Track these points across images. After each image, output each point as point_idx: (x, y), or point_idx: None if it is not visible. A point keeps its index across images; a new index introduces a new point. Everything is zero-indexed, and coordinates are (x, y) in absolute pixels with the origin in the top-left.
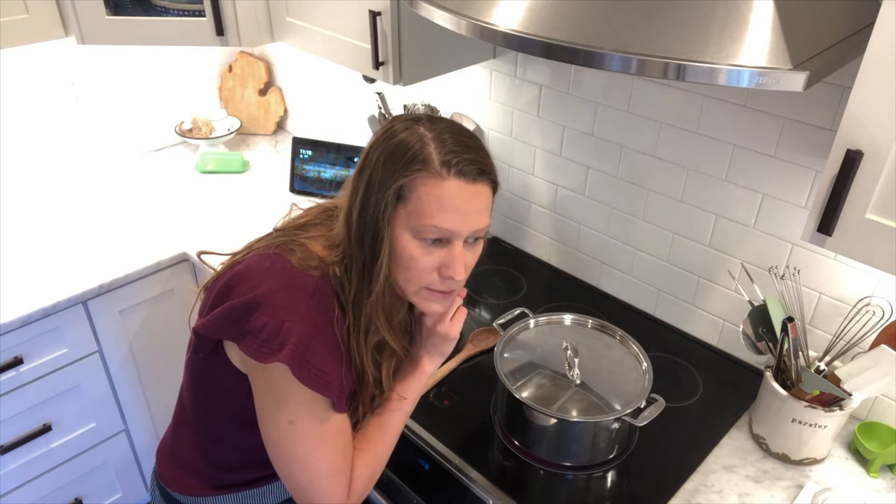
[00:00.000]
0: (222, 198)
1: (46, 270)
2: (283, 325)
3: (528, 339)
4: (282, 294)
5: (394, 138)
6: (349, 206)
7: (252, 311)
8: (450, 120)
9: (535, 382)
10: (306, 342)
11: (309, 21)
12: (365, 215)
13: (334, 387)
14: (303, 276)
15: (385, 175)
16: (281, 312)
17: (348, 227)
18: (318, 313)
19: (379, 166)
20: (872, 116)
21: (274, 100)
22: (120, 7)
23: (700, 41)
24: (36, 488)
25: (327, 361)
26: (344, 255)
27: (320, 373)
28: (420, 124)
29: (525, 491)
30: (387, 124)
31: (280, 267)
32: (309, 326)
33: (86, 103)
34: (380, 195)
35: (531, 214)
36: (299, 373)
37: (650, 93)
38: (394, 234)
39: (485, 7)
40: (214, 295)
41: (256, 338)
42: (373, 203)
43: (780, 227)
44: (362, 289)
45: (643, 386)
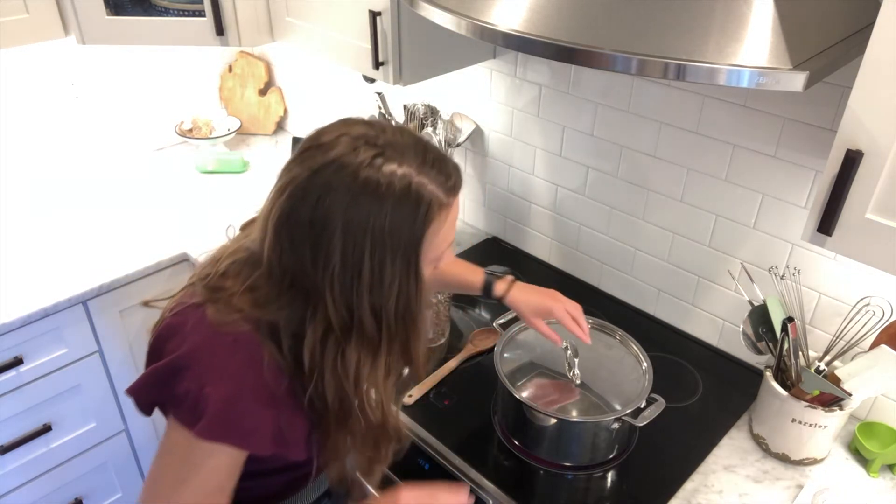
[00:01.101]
0: (222, 198)
1: (46, 270)
2: (203, 391)
3: (528, 339)
4: (204, 354)
5: (383, 201)
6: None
7: (176, 374)
8: (393, 131)
9: (535, 382)
10: (226, 404)
11: (309, 21)
12: (381, 295)
13: (266, 442)
14: (224, 334)
15: (397, 243)
16: (202, 376)
17: (335, 305)
18: (242, 366)
19: (382, 237)
20: (872, 116)
21: (274, 100)
22: (120, 7)
23: (700, 41)
24: (36, 488)
25: (256, 416)
26: (296, 324)
27: (245, 431)
28: (385, 160)
29: (525, 491)
30: (351, 182)
31: (203, 322)
32: (231, 385)
33: (86, 103)
34: (398, 269)
35: (531, 214)
36: (222, 437)
37: (650, 93)
38: (421, 286)
39: (485, 7)
40: (148, 350)
41: (181, 406)
42: (389, 282)
43: (780, 227)
44: (376, 356)
45: (643, 386)
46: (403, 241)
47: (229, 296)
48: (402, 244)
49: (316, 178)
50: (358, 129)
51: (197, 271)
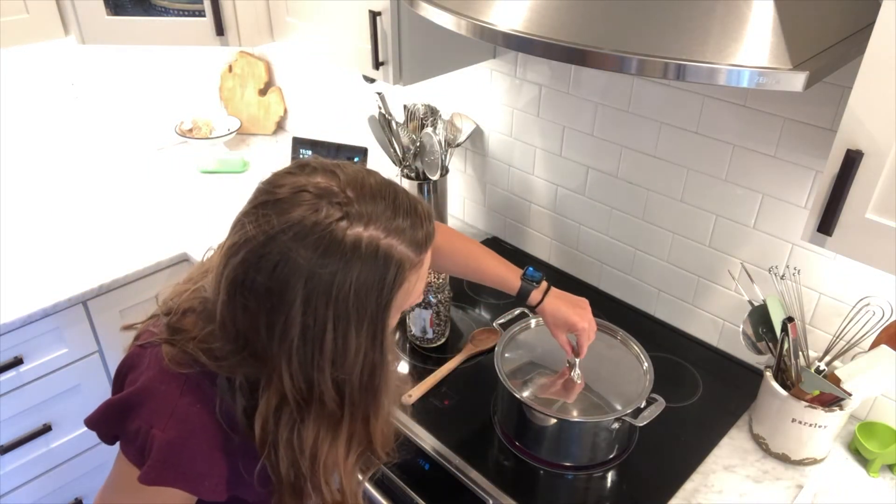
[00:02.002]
0: (222, 198)
1: (46, 270)
2: (151, 432)
3: (529, 339)
4: (155, 394)
5: (348, 269)
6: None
7: (128, 410)
8: (355, 175)
9: (536, 382)
10: (172, 447)
11: (309, 21)
12: (344, 368)
13: (220, 486)
14: (176, 374)
15: (362, 313)
16: (151, 416)
17: (294, 378)
18: (192, 408)
19: (347, 309)
20: (872, 116)
21: (274, 100)
22: (120, 7)
23: (700, 41)
24: (36, 488)
25: (206, 459)
26: (251, 387)
27: (194, 474)
28: (351, 223)
29: (525, 491)
30: (313, 246)
31: (158, 357)
32: (179, 427)
33: (86, 103)
34: (363, 340)
35: (531, 214)
36: (168, 480)
37: (650, 93)
38: (386, 348)
39: (485, 7)
40: (113, 377)
41: (133, 444)
42: (353, 354)
43: (780, 227)
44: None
45: (644, 386)
46: (370, 309)
47: (187, 340)
48: (369, 313)
49: (273, 244)
50: (317, 180)
51: (167, 295)
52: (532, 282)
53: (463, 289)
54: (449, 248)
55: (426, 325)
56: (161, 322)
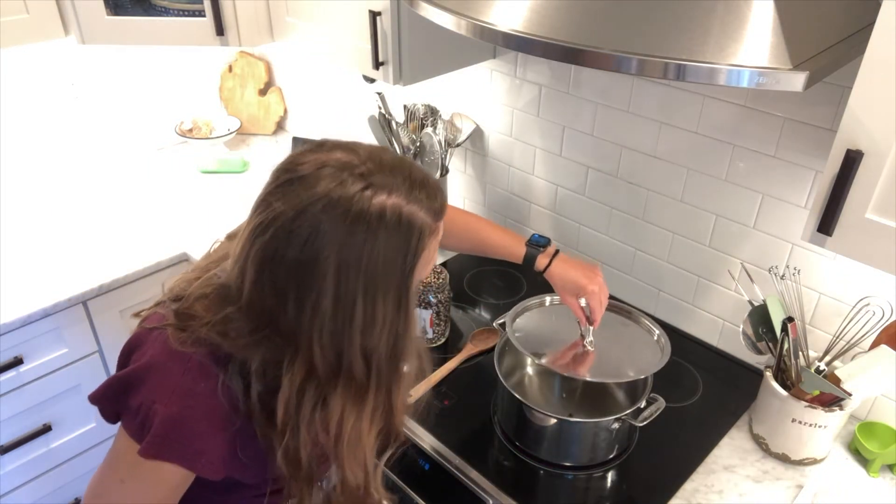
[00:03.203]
0: (222, 198)
1: (46, 270)
2: (153, 407)
3: (543, 314)
4: (158, 371)
5: (376, 237)
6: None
7: (131, 386)
8: (377, 153)
9: (548, 353)
10: (173, 422)
11: (309, 21)
12: (373, 336)
13: (216, 464)
14: (180, 352)
15: (389, 280)
16: (154, 392)
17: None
18: (194, 385)
19: (376, 276)
20: (872, 116)
21: (274, 100)
22: (120, 7)
23: (700, 41)
24: (36, 488)
25: (205, 437)
26: (262, 364)
27: (192, 451)
28: (375, 191)
29: (525, 491)
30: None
31: (161, 340)
32: (181, 403)
33: (86, 103)
34: (390, 307)
35: (531, 214)
36: (166, 455)
37: (650, 93)
38: (411, 315)
39: (485, 7)
40: (118, 358)
41: (134, 419)
42: (381, 322)
43: (780, 227)
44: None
45: (660, 351)
46: (396, 276)
47: (200, 325)
48: (395, 279)
49: (302, 217)
50: (337, 155)
51: (172, 284)
52: (538, 246)
53: (463, 289)
54: (451, 223)
55: (426, 325)
56: (168, 307)
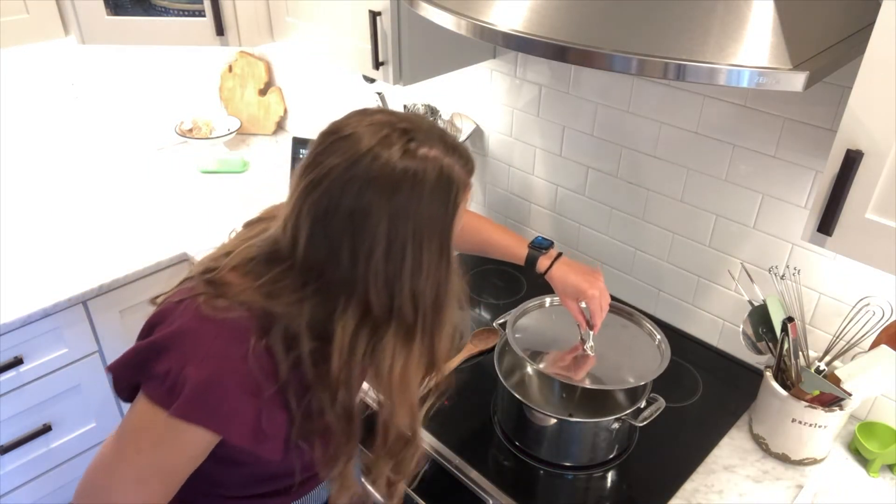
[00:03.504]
0: (222, 198)
1: (46, 270)
2: (184, 371)
3: (542, 317)
4: (188, 336)
5: (423, 187)
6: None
7: (159, 352)
8: (412, 117)
9: (547, 357)
10: (205, 385)
11: (309, 21)
12: (420, 280)
13: (244, 430)
14: (211, 319)
15: (433, 226)
16: (185, 356)
17: (378, 293)
18: (226, 350)
19: (422, 218)
20: (872, 116)
21: (274, 100)
22: (120, 7)
23: (700, 41)
24: (36, 488)
25: (236, 402)
26: (312, 316)
27: (223, 415)
28: (418, 145)
29: (525, 491)
30: (389, 174)
31: (193, 307)
32: (213, 367)
33: (86, 103)
34: (434, 252)
35: (531, 214)
36: (197, 418)
37: (650, 93)
38: (452, 265)
39: (485, 7)
40: (139, 334)
41: (161, 385)
42: (427, 266)
43: (780, 227)
44: (405, 343)
45: (660, 359)
46: (439, 224)
47: (239, 291)
48: (439, 227)
49: (355, 168)
50: (378, 117)
51: (196, 267)
52: (540, 248)
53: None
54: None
55: None
56: (198, 280)
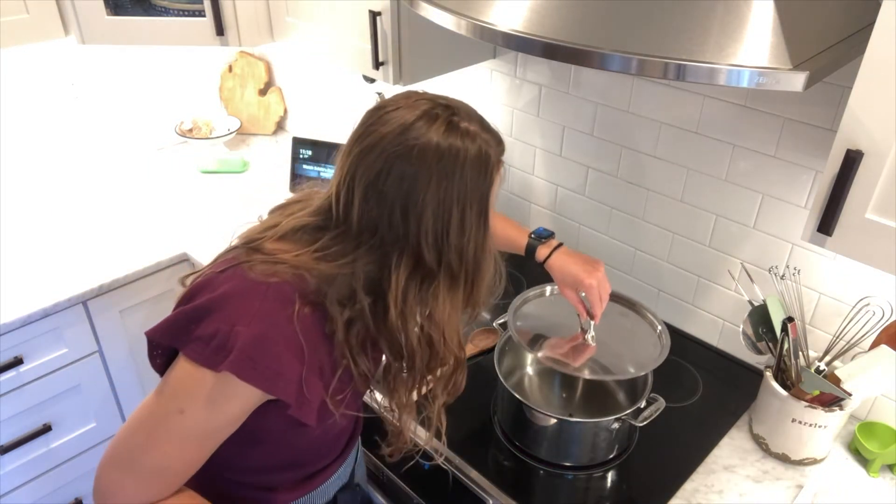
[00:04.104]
0: (222, 198)
1: (46, 270)
2: (234, 329)
3: (543, 305)
4: (235, 298)
5: (465, 159)
6: (432, 227)
7: (203, 316)
8: (452, 99)
9: (547, 343)
10: (256, 342)
11: (309, 21)
12: (464, 239)
13: (290, 388)
14: (257, 282)
15: (475, 193)
16: (233, 316)
17: (428, 249)
18: (273, 311)
19: (466, 185)
20: (872, 116)
21: (274, 100)
22: (120, 7)
23: (700, 41)
24: (36, 488)
25: (283, 360)
26: (366, 274)
27: (272, 372)
28: (461, 119)
29: (525, 491)
30: (436, 143)
31: (238, 274)
32: (262, 326)
33: (86, 103)
34: (475, 216)
35: (531, 214)
36: (248, 375)
37: (650, 93)
38: (487, 232)
39: (485, 7)
40: (178, 300)
41: (207, 345)
42: (469, 227)
43: (780, 227)
44: (451, 297)
45: (661, 347)
46: (478, 192)
47: (289, 257)
48: (478, 195)
49: (406, 134)
50: (421, 95)
51: (238, 240)
52: (540, 238)
53: None
54: None
55: None
56: (242, 250)
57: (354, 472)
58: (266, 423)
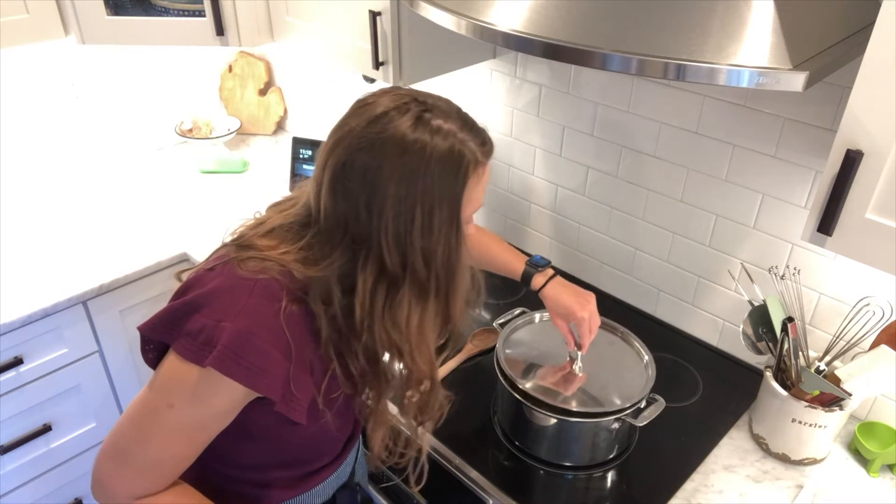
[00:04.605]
0: (222, 198)
1: (46, 270)
2: (220, 324)
3: (529, 338)
4: (223, 294)
5: (432, 154)
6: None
7: (192, 312)
8: (436, 97)
9: (536, 374)
10: (240, 337)
11: (309, 21)
12: (431, 241)
13: (275, 385)
14: (245, 278)
15: (443, 192)
16: (219, 312)
17: (389, 250)
18: (260, 307)
19: (432, 183)
20: (872, 116)
21: (274, 100)
22: (120, 7)
23: (700, 41)
24: (36, 488)
25: (269, 357)
26: (342, 274)
27: (256, 369)
28: (433, 116)
29: (525, 491)
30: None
31: (227, 270)
32: (247, 321)
33: (86, 103)
34: (444, 218)
35: (531, 214)
36: (231, 371)
37: (650, 93)
38: (461, 240)
39: (485, 7)
40: (172, 297)
41: (195, 340)
42: (437, 230)
43: (780, 227)
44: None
45: (646, 379)
46: (448, 193)
47: (275, 255)
48: (448, 196)
49: (372, 127)
50: (403, 91)
51: (230, 236)
52: (536, 266)
53: None
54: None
55: None
56: (231, 246)
57: (354, 471)
58: (258, 419)
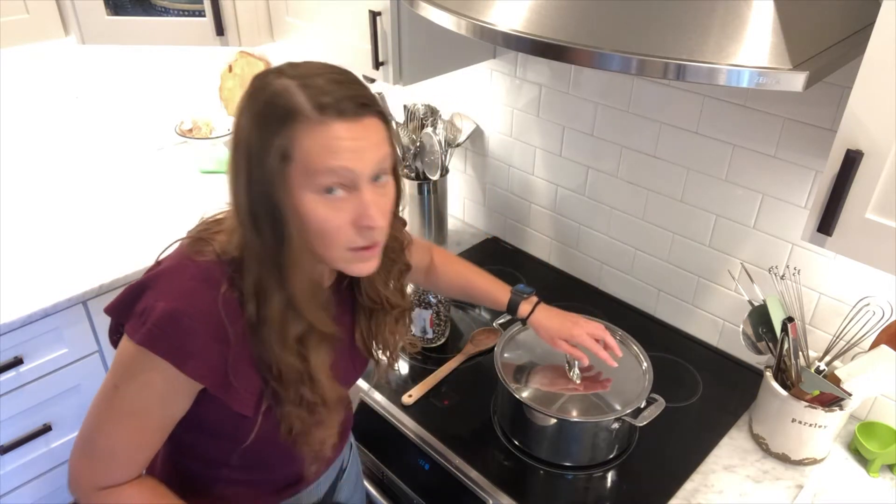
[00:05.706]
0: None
1: (46, 270)
2: (155, 305)
3: (529, 339)
4: (167, 275)
5: (258, 98)
6: (234, 189)
7: (141, 292)
8: (314, 61)
9: (535, 380)
10: (169, 317)
11: (309, 21)
12: (252, 194)
13: (203, 369)
14: (190, 261)
15: (261, 141)
16: (160, 293)
17: (238, 213)
18: (196, 289)
19: (252, 134)
20: (872, 116)
21: None
22: (120, 7)
23: (700, 41)
24: (36, 488)
25: (198, 340)
26: (240, 243)
27: (185, 350)
28: (282, 75)
29: (525, 491)
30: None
31: (177, 252)
32: (180, 302)
33: (86, 103)
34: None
35: (531, 214)
36: (158, 348)
37: (650, 93)
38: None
39: (484, 7)
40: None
41: (138, 321)
42: (257, 177)
43: (780, 227)
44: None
45: (643, 386)
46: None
47: (218, 241)
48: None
49: (242, 100)
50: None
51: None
52: (522, 294)
53: None
54: (444, 269)
55: (426, 325)
56: (194, 231)
57: (336, 488)
58: (211, 411)
